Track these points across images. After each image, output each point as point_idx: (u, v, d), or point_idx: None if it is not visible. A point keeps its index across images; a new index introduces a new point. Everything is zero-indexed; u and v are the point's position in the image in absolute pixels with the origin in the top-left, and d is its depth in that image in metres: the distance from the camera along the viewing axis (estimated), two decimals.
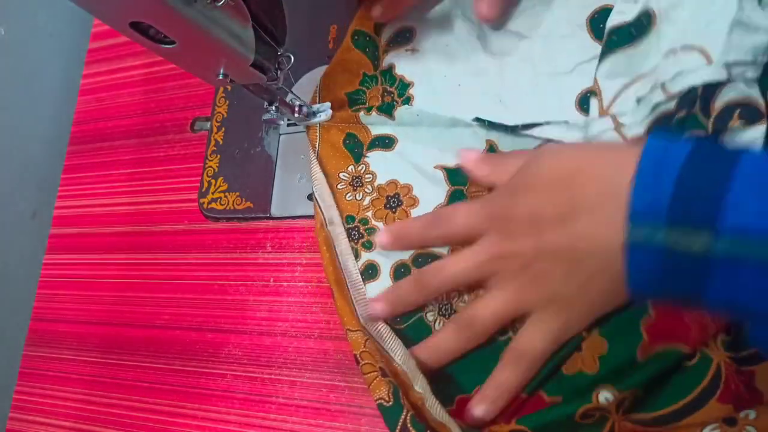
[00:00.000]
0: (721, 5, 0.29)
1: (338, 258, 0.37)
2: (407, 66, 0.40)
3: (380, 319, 0.34)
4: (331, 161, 0.39)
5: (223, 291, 0.43)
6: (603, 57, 0.32)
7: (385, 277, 0.36)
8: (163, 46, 0.29)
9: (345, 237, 0.37)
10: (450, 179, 0.36)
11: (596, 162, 0.26)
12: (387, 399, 0.31)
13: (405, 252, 0.36)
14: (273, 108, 0.38)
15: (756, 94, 0.27)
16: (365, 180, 0.38)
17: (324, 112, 0.40)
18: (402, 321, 0.34)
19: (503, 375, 0.30)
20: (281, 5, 0.32)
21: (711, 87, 0.28)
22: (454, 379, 0.32)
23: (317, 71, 0.43)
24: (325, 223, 0.37)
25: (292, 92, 0.38)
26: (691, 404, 0.27)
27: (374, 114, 0.39)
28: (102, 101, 0.55)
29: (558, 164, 0.28)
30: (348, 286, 0.36)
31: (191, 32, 0.28)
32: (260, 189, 0.43)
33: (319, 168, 0.39)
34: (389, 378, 0.32)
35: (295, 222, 0.41)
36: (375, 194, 0.38)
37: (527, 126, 0.34)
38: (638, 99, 0.31)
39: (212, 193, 0.45)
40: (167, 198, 0.48)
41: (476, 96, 0.37)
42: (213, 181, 0.45)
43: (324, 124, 0.40)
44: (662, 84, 0.29)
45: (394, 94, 0.39)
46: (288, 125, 0.44)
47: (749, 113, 0.26)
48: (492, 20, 0.36)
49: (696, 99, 0.28)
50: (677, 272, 0.22)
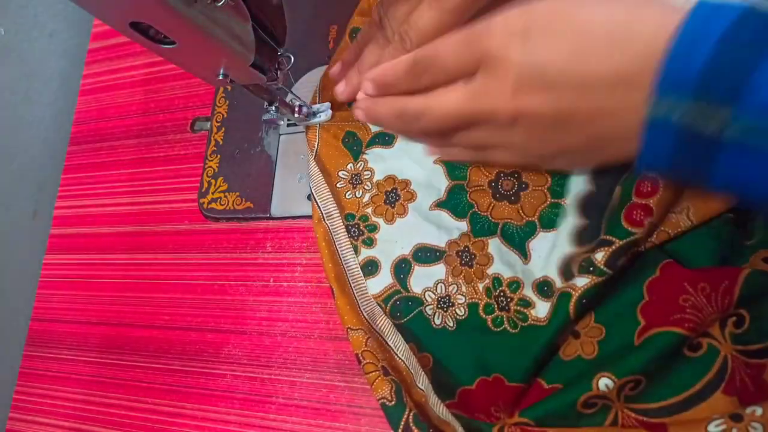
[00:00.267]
0: None
1: (338, 252, 0.37)
2: None
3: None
4: (331, 160, 0.40)
5: (223, 291, 0.43)
6: None
7: (386, 274, 0.36)
8: (163, 46, 0.29)
9: (344, 230, 0.37)
10: (449, 174, 0.36)
11: (641, 20, 0.23)
12: (389, 398, 0.31)
13: (405, 248, 0.35)
14: (273, 108, 0.38)
15: None
16: (364, 177, 0.38)
17: (324, 112, 0.40)
18: (402, 315, 0.34)
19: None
20: (281, 5, 0.32)
21: None
22: (453, 373, 0.32)
23: (317, 71, 0.43)
24: (323, 217, 0.37)
25: (292, 92, 0.39)
26: (696, 395, 0.27)
27: None
28: (102, 101, 0.55)
29: (597, 16, 0.24)
30: (349, 281, 0.36)
31: (191, 32, 0.28)
32: (260, 189, 0.43)
33: (316, 164, 0.39)
34: (391, 377, 0.32)
35: (295, 222, 0.42)
36: (374, 191, 0.38)
37: None
38: None
39: (212, 193, 0.45)
40: (167, 198, 0.48)
41: None
42: (213, 181, 0.45)
43: (323, 124, 0.40)
44: None
45: None
46: (288, 125, 0.44)
47: None
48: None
49: None
50: (688, 151, 0.22)
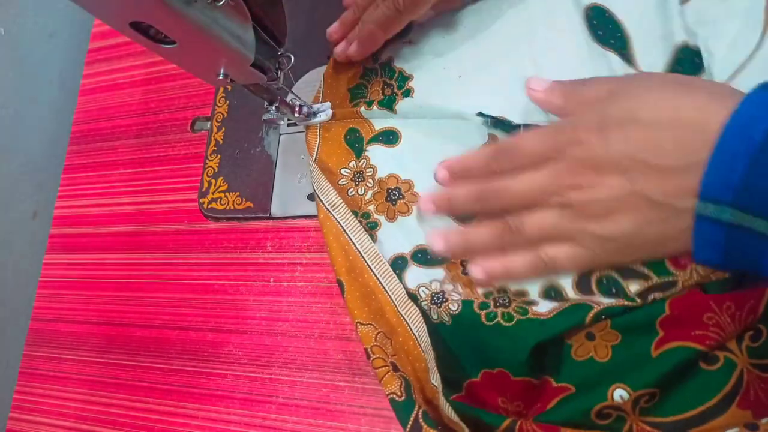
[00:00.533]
0: None
1: (351, 241, 0.36)
2: (405, 58, 0.40)
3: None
4: (332, 158, 0.39)
5: (223, 291, 0.43)
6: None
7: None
8: (163, 46, 0.29)
9: (352, 216, 0.36)
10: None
11: (699, 109, 0.24)
12: (399, 394, 0.31)
13: (405, 246, 0.35)
14: (273, 108, 0.38)
15: None
16: (366, 174, 0.38)
17: (324, 112, 0.40)
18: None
19: (517, 264, 0.30)
20: (281, 5, 0.32)
21: None
22: (458, 366, 0.32)
23: (317, 71, 0.43)
24: (329, 210, 0.37)
25: (292, 92, 0.38)
26: (713, 409, 0.27)
27: (375, 108, 0.39)
28: (102, 101, 0.55)
29: (659, 104, 0.25)
30: (369, 266, 0.35)
31: (191, 32, 0.28)
32: (260, 189, 0.43)
33: (317, 162, 0.39)
34: (401, 372, 0.31)
35: (295, 222, 0.42)
36: (376, 188, 0.38)
37: (528, 126, 0.34)
38: None
39: (212, 193, 0.45)
40: (167, 198, 0.48)
41: (477, 88, 0.37)
42: (213, 181, 0.45)
43: (324, 123, 0.40)
44: None
45: (394, 87, 0.39)
46: (288, 125, 0.44)
47: None
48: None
49: None
50: (740, 246, 0.22)
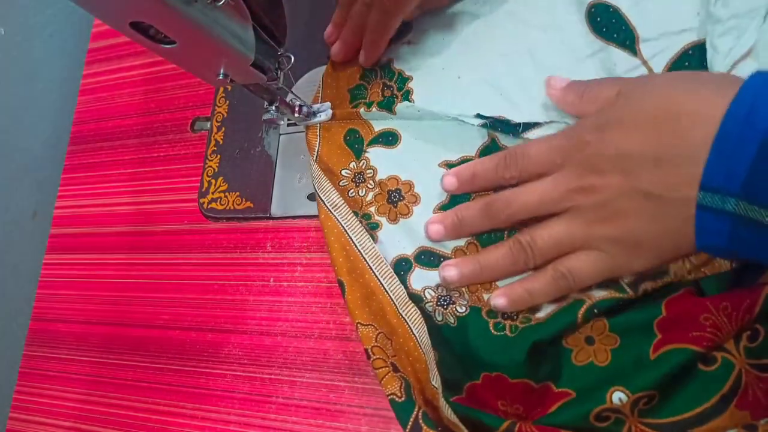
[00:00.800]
0: None
1: (352, 241, 0.36)
2: (405, 59, 0.40)
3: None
4: (333, 159, 0.39)
5: (223, 291, 0.43)
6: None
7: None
8: (163, 46, 0.29)
9: (353, 217, 0.36)
10: None
11: (700, 102, 0.24)
12: (399, 395, 0.31)
13: (407, 248, 0.35)
14: (273, 108, 0.38)
15: None
16: (367, 175, 0.38)
17: (324, 112, 0.40)
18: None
19: (538, 283, 0.30)
20: (281, 5, 0.32)
21: None
22: (459, 368, 0.32)
23: (317, 71, 0.43)
24: (330, 210, 0.37)
25: (292, 92, 0.38)
26: (711, 410, 0.27)
27: (375, 110, 0.39)
28: (102, 101, 0.55)
29: (658, 102, 0.26)
30: (370, 266, 0.35)
31: (191, 32, 0.28)
32: (260, 189, 0.43)
33: (318, 163, 0.39)
34: (401, 373, 0.31)
35: (295, 222, 0.42)
36: (377, 189, 0.37)
37: (529, 126, 0.34)
38: None
39: (212, 193, 0.45)
40: (167, 198, 0.48)
41: (476, 88, 0.37)
42: (213, 181, 0.45)
43: (324, 123, 0.40)
44: None
45: (394, 88, 0.39)
46: (288, 125, 0.44)
47: None
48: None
49: None
50: (744, 237, 0.23)
